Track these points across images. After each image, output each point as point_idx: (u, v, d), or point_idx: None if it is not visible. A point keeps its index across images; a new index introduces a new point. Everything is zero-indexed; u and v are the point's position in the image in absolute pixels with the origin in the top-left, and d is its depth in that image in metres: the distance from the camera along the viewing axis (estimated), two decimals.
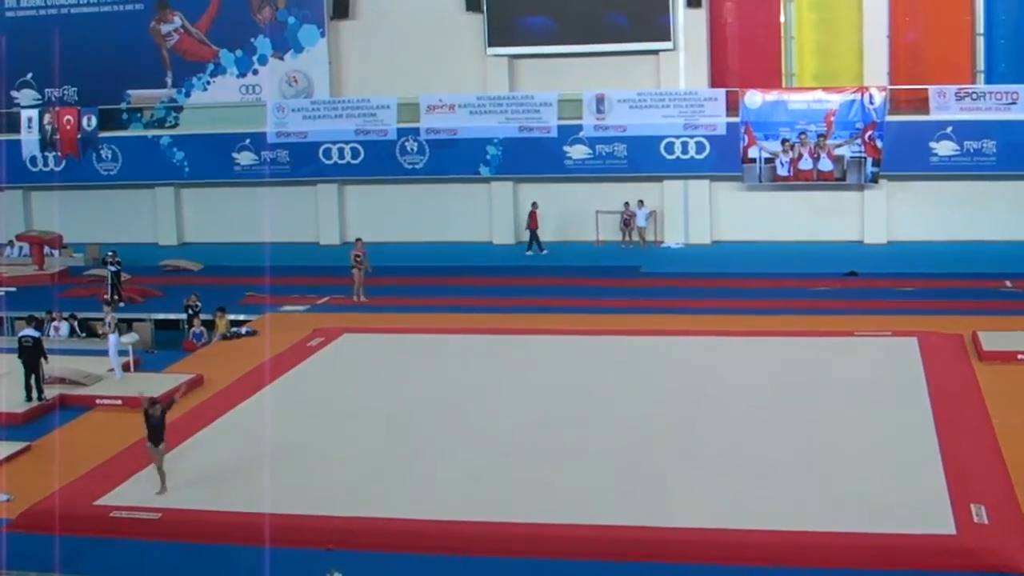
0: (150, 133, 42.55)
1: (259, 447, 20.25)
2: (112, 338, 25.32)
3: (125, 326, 30.11)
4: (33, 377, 23.44)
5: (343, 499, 18.30)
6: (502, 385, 24.32)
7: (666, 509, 17.55)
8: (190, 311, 30.03)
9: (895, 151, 37.01)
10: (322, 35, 41.70)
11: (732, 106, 38.08)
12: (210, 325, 29.61)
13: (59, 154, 42.53)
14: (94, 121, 42.33)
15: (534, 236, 39.20)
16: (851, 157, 37.29)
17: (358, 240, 33.36)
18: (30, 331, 23.93)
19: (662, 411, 22.12)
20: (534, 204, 39.28)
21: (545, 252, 38.85)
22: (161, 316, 32.13)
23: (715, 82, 39.36)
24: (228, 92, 42.65)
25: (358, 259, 32.37)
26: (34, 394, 23.38)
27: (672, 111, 38.48)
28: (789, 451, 19.74)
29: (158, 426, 18.63)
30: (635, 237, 39.57)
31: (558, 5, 40.16)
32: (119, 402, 23.12)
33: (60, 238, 38.97)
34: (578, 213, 39.99)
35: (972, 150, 36.64)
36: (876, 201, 38.26)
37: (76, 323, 30.75)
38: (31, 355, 23.42)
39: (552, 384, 24.13)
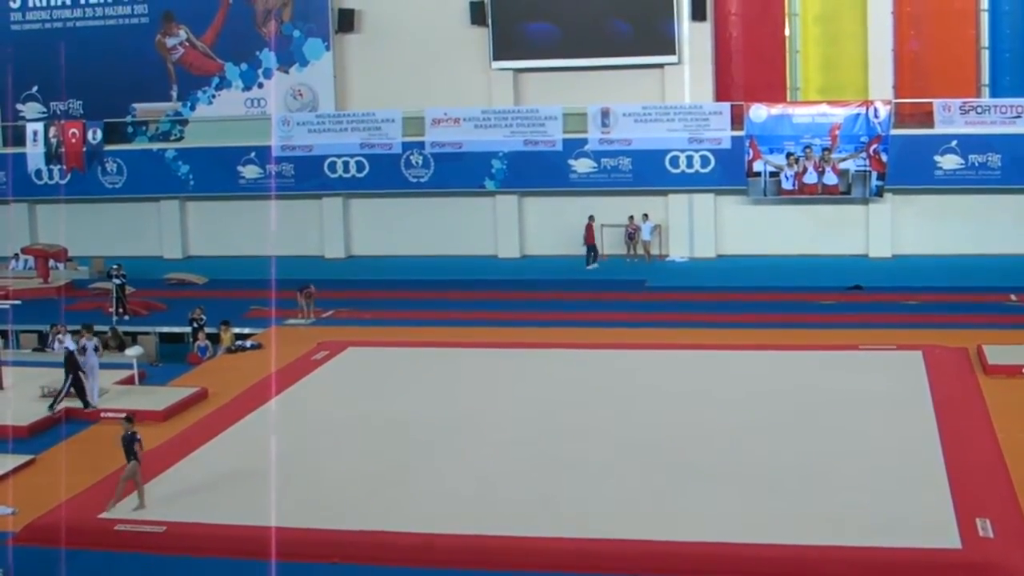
0: (155, 146, 42.65)
1: (263, 460, 20.18)
2: (90, 360, 24.46)
3: (130, 339, 30.26)
4: (65, 386, 23.67)
5: (348, 512, 18.28)
6: (506, 398, 24.29)
7: (669, 522, 17.52)
8: (195, 324, 30.03)
9: (900, 165, 37.00)
10: (327, 49, 41.79)
11: (737, 120, 38.11)
12: (215, 338, 29.61)
13: (64, 167, 42.63)
14: (99, 134, 42.44)
15: (592, 250, 39.10)
16: (856, 171, 37.28)
17: (310, 285, 32.73)
18: (68, 343, 24.28)
19: (666, 424, 22.10)
20: (591, 217, 39.17)
21: (596, 267, 38.68)
22: (166, 329, 32.13)
23: (720, 96, 39.40)
24: (233, 105, 42.74)
25: (309, 295, 32.21)
26: (89, 400, 23.74)
27: (677, 125, 38.50)
28: (793, 464, 19.70)
29: (129, 444, 18.57)
30: (640, 251, 39.57)
31: (563, 19, 40.23)
32: (124, 415, 23.05)
33: (65, 251, 39.01)
34: (583, 227, 39.95)
35: (977, 164, 36.64)
36: (881, 215, 38.24)
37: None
38: (67, 366, 23.73)
39: (556, 397, 24.11)
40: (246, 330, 30.76)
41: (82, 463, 20.51)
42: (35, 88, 44.18)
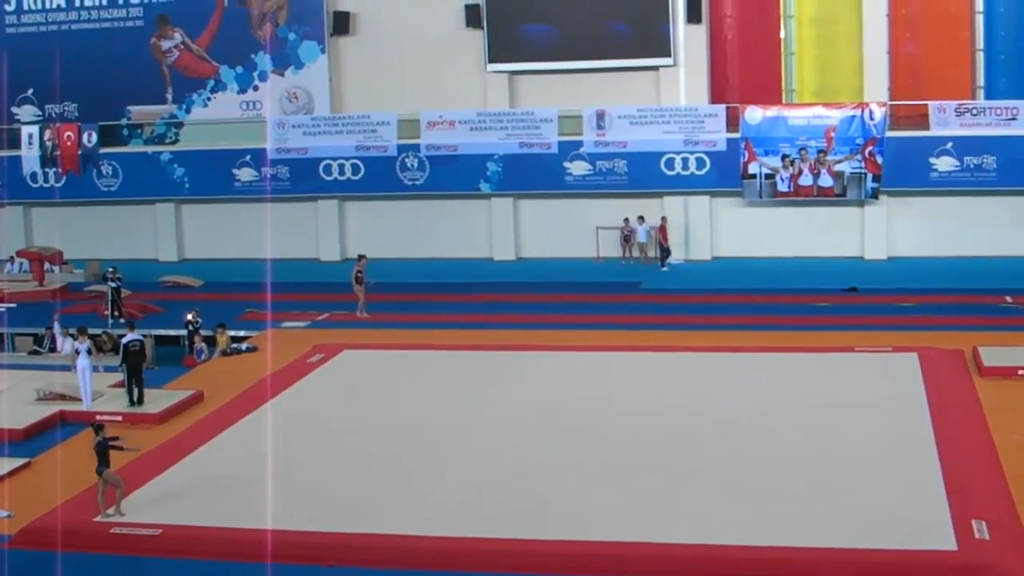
0: (150, 149, 42.61)
1: (259, 463, 20.20)
2: (81, 363, 24.29)
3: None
4: (135, 381, 23.98)
5: (344, 515, 18.27)
6: (501, 401, 24.28)
7: (664, 525, 17.52)
8: (190, 327, 30.03)
9: (895, 167, 37.02)
10: (322, 51, 41.78)
11: (732, 122, 38.11)
12: (211, 341, 29.62)
13: (60, 170, 42.59)
14: (95, 137, 42.40)
15: (664, 251, 38.97)
16: (851, 173, 37.30)
17: (362, 257, 33.29)
18: (135, 335, 24.40)
19: (661, 427, 22.09)
20: (663, 218, 39.02)
21: (666, 269, 38.51)
22: (162, 332, 32.06)
23: (715, 98, 39.40)
24: (228, 108, 42.70)
25: (359, 276, 32.40)
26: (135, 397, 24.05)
27: (672, 127, 38.48)
28: (789, 467, 19.71)
29: (104, 451, 18.51)
30: (635, 253, 39.58)
31: (558, 22, 40.23)
32: (119, 418, 23.10)
33: (60, 254, 38.98)
34: (578, 229, 39.98)
35: (972, 165, 36.65)
36: (876, 217, 38.27)
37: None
38: (137, 360, 23.98)
39: (552, 400, 24.09)
40: (242, 333, 30.80)
41: (78, 466, 20.43)
42: (30, 91, 44.13)
